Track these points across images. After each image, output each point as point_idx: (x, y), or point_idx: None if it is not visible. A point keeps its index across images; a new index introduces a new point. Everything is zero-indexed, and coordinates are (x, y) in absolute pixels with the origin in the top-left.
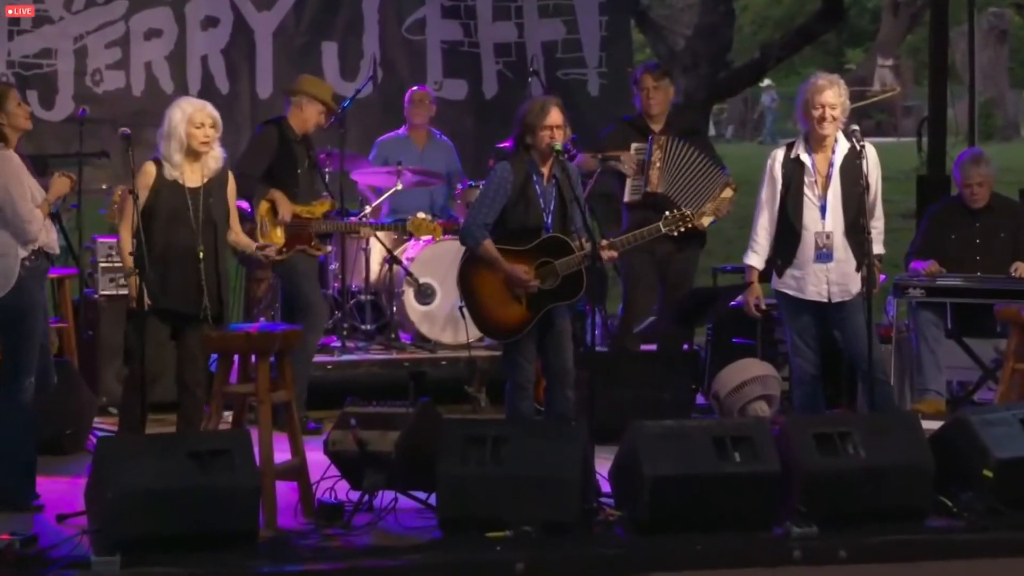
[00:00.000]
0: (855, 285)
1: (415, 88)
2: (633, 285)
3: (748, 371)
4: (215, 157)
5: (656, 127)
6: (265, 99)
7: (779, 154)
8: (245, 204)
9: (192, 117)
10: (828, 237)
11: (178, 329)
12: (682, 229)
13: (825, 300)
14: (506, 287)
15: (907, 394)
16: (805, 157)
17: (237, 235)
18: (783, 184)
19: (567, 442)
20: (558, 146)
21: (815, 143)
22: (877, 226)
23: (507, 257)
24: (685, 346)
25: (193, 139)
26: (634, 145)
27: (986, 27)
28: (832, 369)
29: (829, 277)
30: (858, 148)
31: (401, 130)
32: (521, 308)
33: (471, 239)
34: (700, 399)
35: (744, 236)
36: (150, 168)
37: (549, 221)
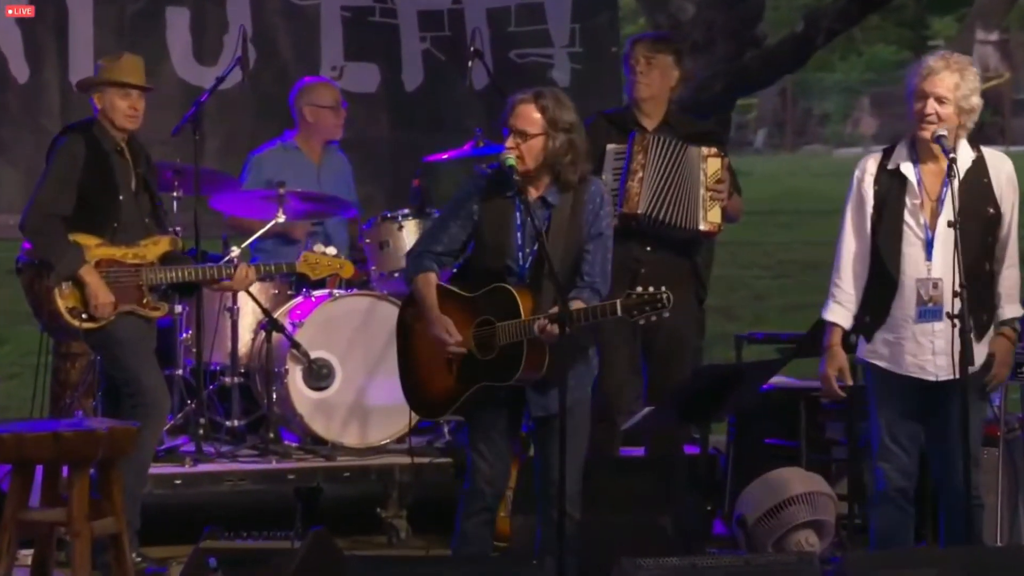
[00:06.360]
0: (977, 357)
1: (319, 79)
2: (609, 358)
3: (789, 487)
4: None
5: (649, 123)
6: None
7: (870, 164)
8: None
9: None
10: (936, 286)
11: None
12: (652, 318)
13: (931, 377)
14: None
15: (1021, 519)
16: (908, 169)
17: None
18: (875, 207)
19: None
20: (510, 160)
21: (923, 151)
22: (1009, 275)
23: (446, 303)
24: (691, 448)
25: None
26: (610, 147)
27: None
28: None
29: (935, 344)
30: (982, 157)
31: (287, 137)
32: (451, 378)
33: (407, 269)
34: (718, 526)
35: (781, 288)
36: None
37: (524, 264)
